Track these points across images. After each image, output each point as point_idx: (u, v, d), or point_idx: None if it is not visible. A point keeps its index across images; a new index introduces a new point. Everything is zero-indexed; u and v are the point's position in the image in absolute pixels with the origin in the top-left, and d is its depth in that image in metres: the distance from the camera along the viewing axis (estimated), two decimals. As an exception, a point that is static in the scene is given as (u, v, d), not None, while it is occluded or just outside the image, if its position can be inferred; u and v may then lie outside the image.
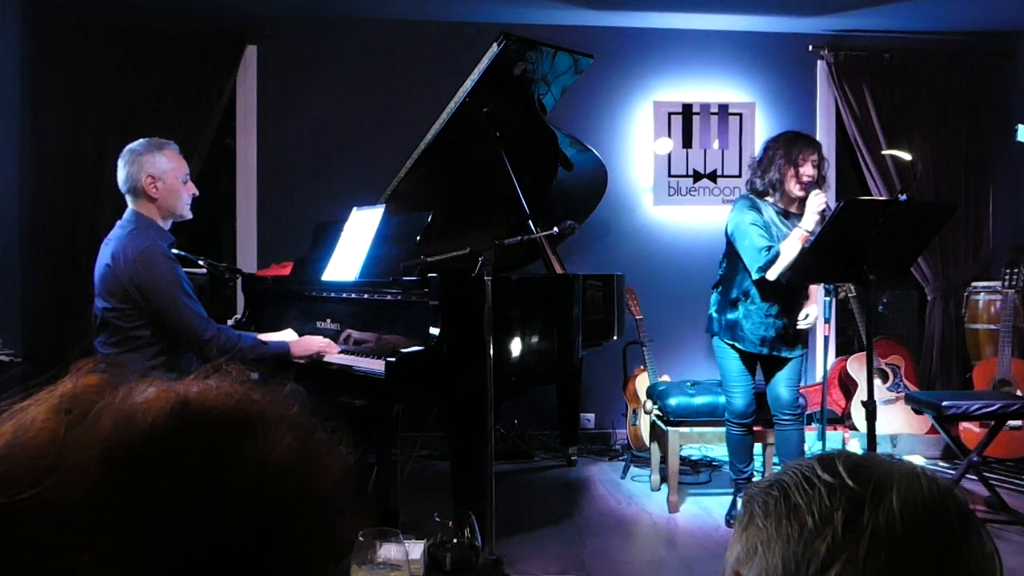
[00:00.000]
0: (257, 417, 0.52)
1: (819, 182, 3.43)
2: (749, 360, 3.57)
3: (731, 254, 3.57)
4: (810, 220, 3.30)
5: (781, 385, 3.56)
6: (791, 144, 3.42)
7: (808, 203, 3.34)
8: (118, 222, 2.98)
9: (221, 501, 0.48)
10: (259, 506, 0.49)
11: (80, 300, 4.54)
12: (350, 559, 1.51)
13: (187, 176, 3.00)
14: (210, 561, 0.47)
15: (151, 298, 2.82)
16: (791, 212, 3.50)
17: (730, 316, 3.55)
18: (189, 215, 3.03)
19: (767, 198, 3.50)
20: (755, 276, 3.41)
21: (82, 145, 4.70)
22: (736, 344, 3.52)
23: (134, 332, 2.87)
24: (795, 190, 3.42)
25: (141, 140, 2.96)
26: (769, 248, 3.35)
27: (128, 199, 2.97)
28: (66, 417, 0.49)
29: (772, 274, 3.35)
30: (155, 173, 2.90)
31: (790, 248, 3.31)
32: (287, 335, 3.26)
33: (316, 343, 3.17)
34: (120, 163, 2.93)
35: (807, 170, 3.38)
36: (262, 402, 0.53)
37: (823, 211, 3.29)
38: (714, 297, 3.66)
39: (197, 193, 3.05)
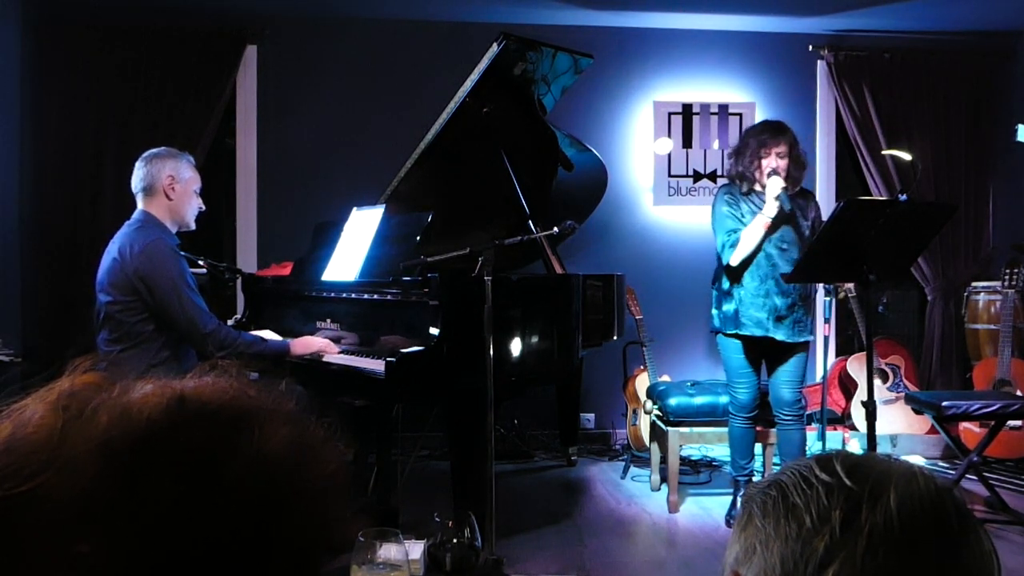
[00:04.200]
0: (253, 412, 0.52)
1: (795, 168, 3.50)
2: (753, 353, 3.58)
3: None
4: (771, 207, 3.43)
5: (783, 384, 3.58)
6: (759, 135, 3.54)
7: (767, 189, 3.45)
8: (127, 222, 3.04)
9: (217, 493, 0.48)
10: (255, 498, 0.49)
11: (80, 299, 4.54)
12: (350, 559, 1.52)
13: (200, 190, 3.13)
14: (207, 552, 0.47)
15: (155, 290, 2.87)
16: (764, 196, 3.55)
17: (728, 307, 3.58)
18: (193, 226, 3.14)
19: (743, 187, 3.56)
20: (724, 262, 3.52)
21: (82, 145, 4.70)
22: (739, 332, 3.53)
23: (137, 327, 2.90)
24: (762, 179, 3.50)
25: (162, 147, 3.11)
26: (734, 232, 3.47)
27: (139, 198, 3.03)
28: (63, 413, 0.49)
29: (734, 259, 3.47)
30: (176, 175, 3.02)
31: (751, 234, 3.44)
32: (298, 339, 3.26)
33: (316, 342, 3.18)
34: (139, 164, 3.03)
35: (771, 161, 3.48)
36: (258, 397, 0.54)
37: (778, 195, 3.41)
38: (713, 294, 3.68)
39: (204, 208, 3.17)
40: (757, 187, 3.54)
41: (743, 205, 3.53)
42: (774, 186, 3.41)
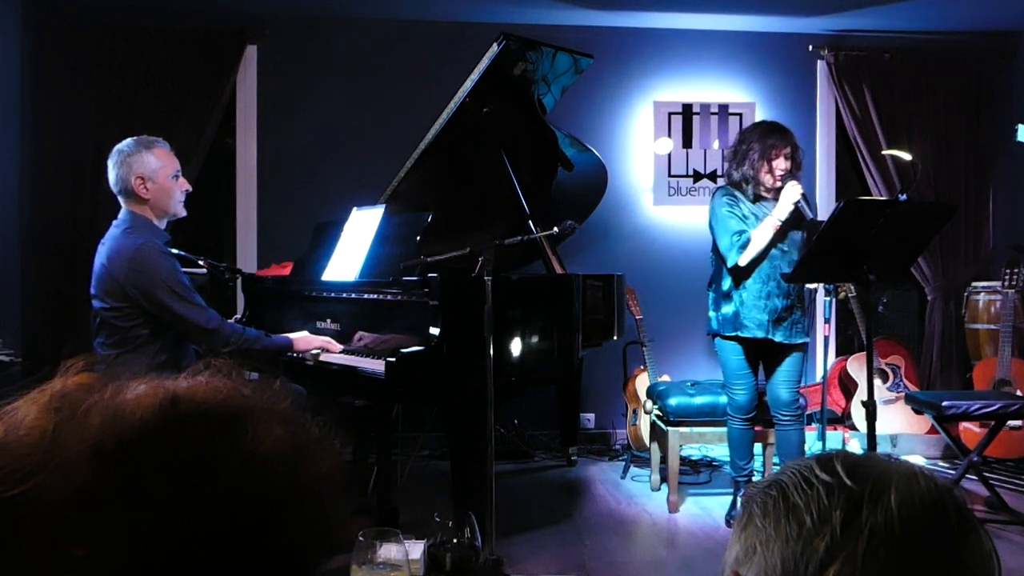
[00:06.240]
0: (247, 411, 0.52)
1: (794, 169, 3.50)
2: (751, 354, 3.57)
3: (716, 248, 3.60)
4: (783, 209, 3.42)
5: (781, 384, 3.57)
6: (764, 139, 3.49)
7: (784, 193, 3.44)
8: (114, 222, 2.95)
9: (211, 493, 0.48)
10: (249, 498, 0.49)
11: (80, 300, 4.51)
12: (350, 559, 1.51)
13: (178, 172, 2.96)
14: (202, 552, 0.47)
15: (150, 296, 2.81)
16: (767, 198, 3.54)
17: (727, 308, 3.56)
18: (183, 212, 3.01)
19: (743, 189, 3.54)
20: (729, 264, 3.48)
21: (82, 145, 4.70)
22: (739, 334, 3.51)
23: (133, 332, 2.86)
24: (769, 182, 3.50)
25: (129, 140, 2.91)
26: (741, 233, 3.44)
27: (121, 199, 2.93)
28: (56, 415, 0.49)
29: (743, 260, 3.44)
30: (144, 174, 2.86)
31: (761, 235, 3.42)
32: (300, 335, 3.23)
33: (317, 339, 3.18)
34: (110, 164, 2.90)
35: (780, 164, 3.46)
36: (252, 396, 0.54)
37: (798, 201, 3.40)
38: (710, 296, 3.67)
39: (190, 189, 3.02)
40: (764, 192, 3.52)
41: (742, 207, 3.52)
42: (794, 192, 3.40)
